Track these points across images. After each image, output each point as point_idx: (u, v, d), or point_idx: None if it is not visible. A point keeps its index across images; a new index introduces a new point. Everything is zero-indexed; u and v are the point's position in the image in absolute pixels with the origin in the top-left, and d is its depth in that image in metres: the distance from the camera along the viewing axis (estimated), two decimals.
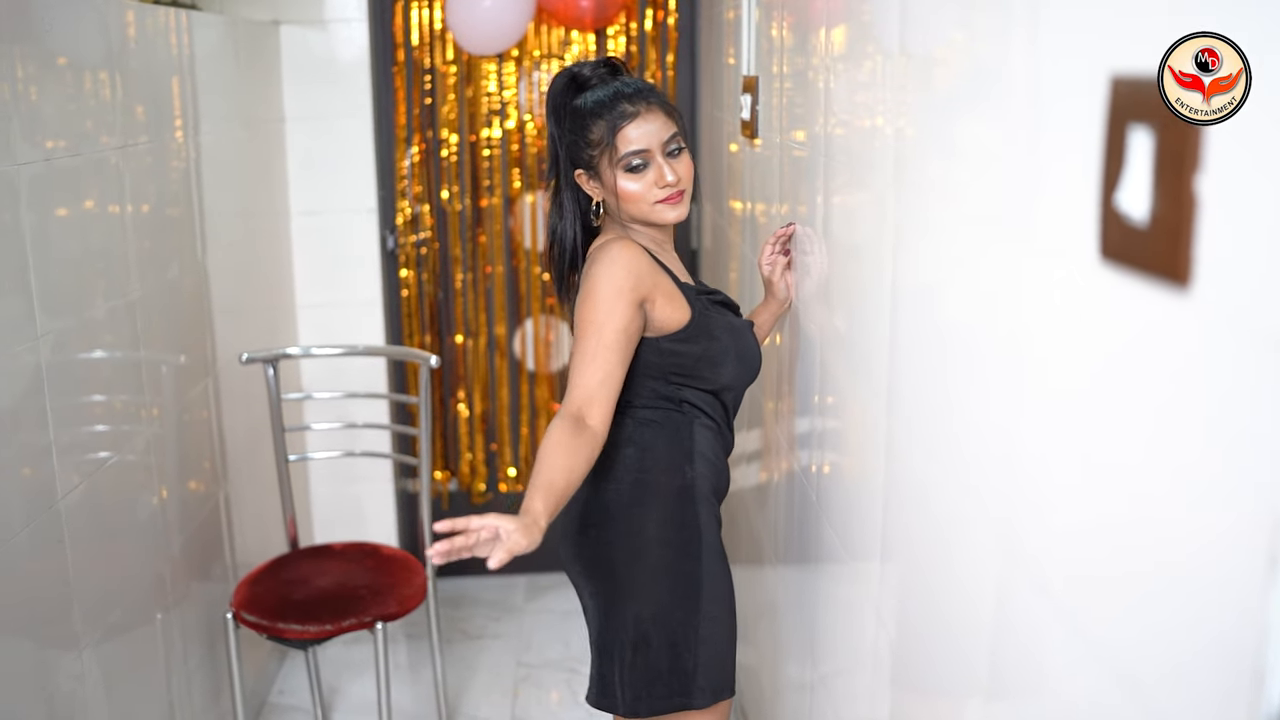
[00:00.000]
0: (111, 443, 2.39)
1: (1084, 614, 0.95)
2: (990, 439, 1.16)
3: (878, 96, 1.57)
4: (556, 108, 2.08)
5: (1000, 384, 1.12)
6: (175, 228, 2.82)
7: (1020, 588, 1.08)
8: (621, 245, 1.96)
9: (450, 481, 4.24)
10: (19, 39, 2.05)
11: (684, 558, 2.04)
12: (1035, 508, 1.05)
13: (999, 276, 1.12)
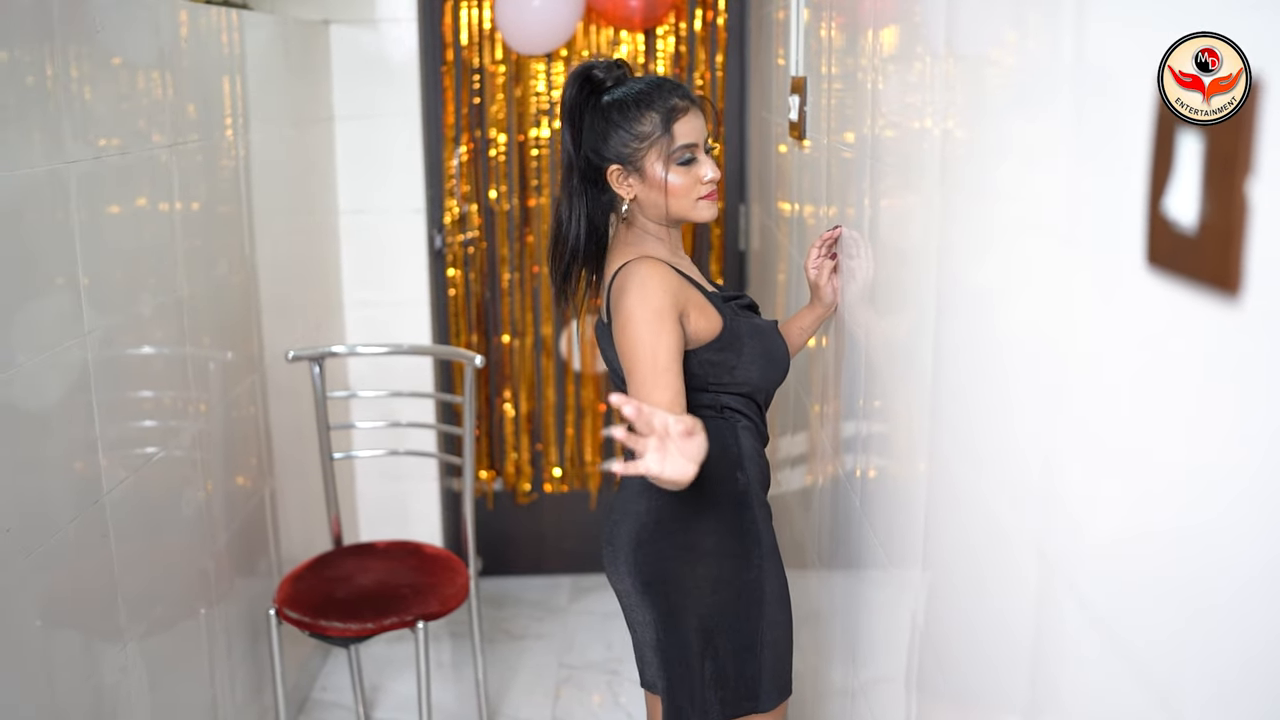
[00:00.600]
0: (157, 438, 2.41)
1: (1124, 629, 0.93)
2: (1032, 448, 1.13)
3: (925, 98, 1.55)
4: (575, 106, 2.05)
5: (1043, 392, 1.10)
6: (224, 225, 2.84)
7: (1059, 600, 1.06)
8: (649, 266, 1.94)
9: (495, 481, 4.24)
10: (73, 39, 2.07)
11: (746, 567, 2.03)
12: (1076, 519, 1.03)
13: (1044, 282, 1.10)
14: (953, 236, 1.43)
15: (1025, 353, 1.16)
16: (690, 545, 2.02)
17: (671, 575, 2.02)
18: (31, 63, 1.94)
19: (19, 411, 1.88)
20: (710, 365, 1.99)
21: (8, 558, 1.82)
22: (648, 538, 2.03)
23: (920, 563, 1.60)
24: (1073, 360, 1.03)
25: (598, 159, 2.03)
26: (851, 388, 2.08)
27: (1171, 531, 0.85)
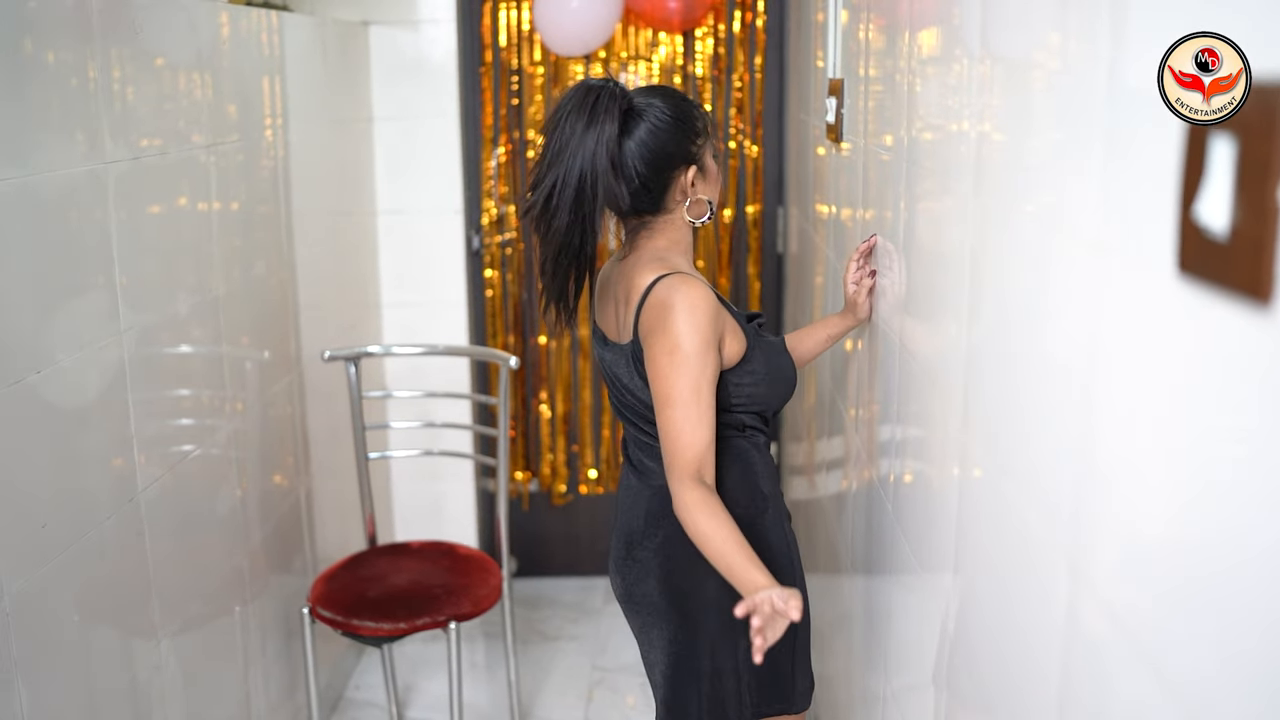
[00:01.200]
0: (193, 437, 2.42)
1: (1154, 644, 0.91)
2: (1062, 456, 1.11)
3: (960, 101, 1.53)
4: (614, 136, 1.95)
5: (1073, 400, 1.08)
6: (263, 225, 2.86)
7: (1089, 613, 1.04)
8: (696, 288, 1.89)
9: (531, 482, 4.25)
10: (113, 40, 2.09)
11: (775, 571, 2.01)
12: (1107, 531, 1.01)
13: (1074, 288, 1.08)
14: (985, 241, 1.41)
15: (1056, 360, 1.14)
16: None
17: (710, 598, 2.00)
18: (71, 64, 1.95)
19: (55, 409, 1.89)
20: (734, 386, 1.98)
21: (44, 554, 1.84)
22: (678, 566, 2.01)
23: (951, 569, 1.58)
24: (1103, 368, 1.01)
25: (669, 166, 1.97)
26: (885, 393, 2.07)
27: (1204, 544, 0.83)
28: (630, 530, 2.09)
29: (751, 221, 4.03)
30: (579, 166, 1.89)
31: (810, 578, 3.30)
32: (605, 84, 1.94)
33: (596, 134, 1.89)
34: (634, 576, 2.08)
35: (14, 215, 1.77)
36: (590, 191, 1.90)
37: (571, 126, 1.90)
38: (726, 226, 4.03)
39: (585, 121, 1.90)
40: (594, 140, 1.89)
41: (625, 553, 2.10)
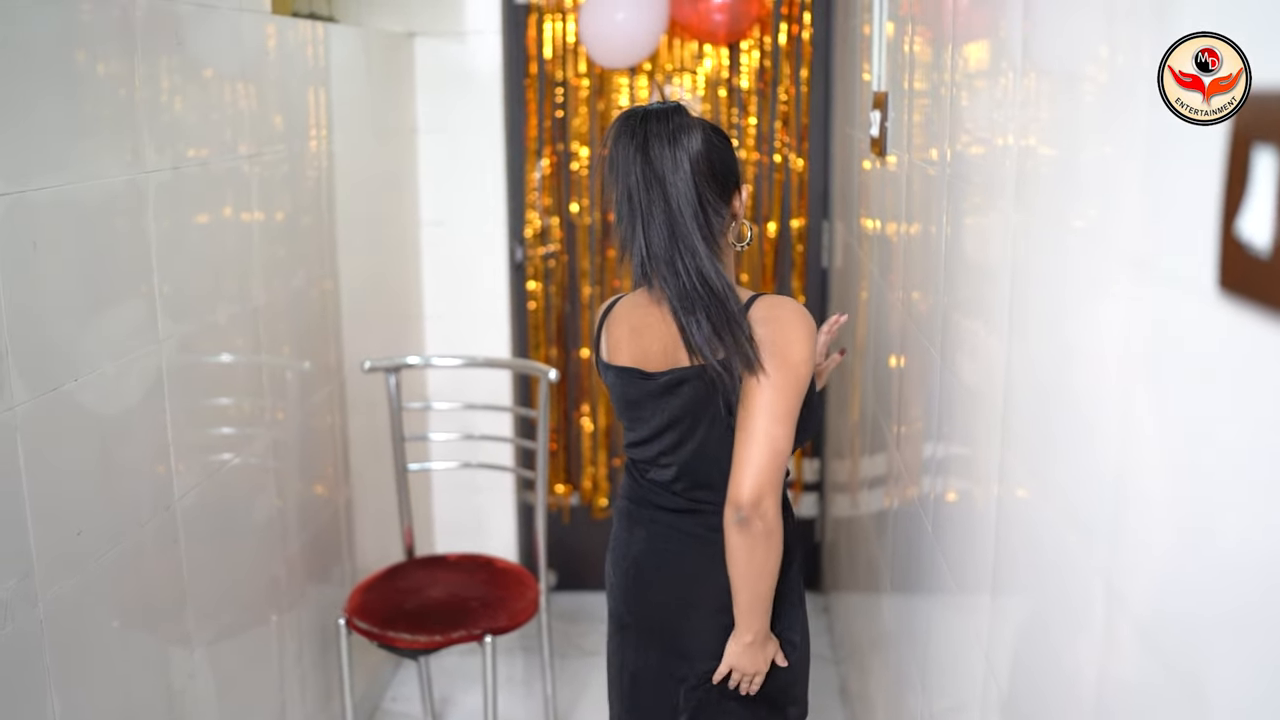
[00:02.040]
0: (231, 445, 2.43)
1: (1193, 671, 0.87)
2: (1101, 476, 1.08)
3: (1004, 115, 1.50)
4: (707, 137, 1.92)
5: (1112, 419, 1.05)
6: (307, 236, 2.87)
7: (1128, 640, 1.01)
8: (802, 308, 1.89)
9: (572, 496, 4.23)
10: (157, 51, 2.10)
11: (797, 608, 2.07)
12: (1147, 555, 0.97)
13: (1114, 305, 1.05)
14: (1025, 257, 1.38)
15: (1094, 377, 1.11)
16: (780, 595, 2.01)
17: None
18: (113, 74, 1.96)
19: (92, 416, 1.90)
20: (801, 419, 1.93)
21: (78, 561, 1.84)
22: (725, 605, 1.97)
23: (990, 590, 1.55)
24: (1142, 386, 0.98)
25: (734, 184, 1.95)
26: (926, 409, 2.03)
27: (1244, 567, 0.80)
28: (683, 587, 2.02)
29: (796, 235, 4.00)
30: (682, 188, 1.84)
31: (850, 595, 3.27)
32: (666, 105, 1.90)
33: (686, 150, 1.85)
34: (688, 632, 2.02)
35: (53, 223, 1.78)
36: (700, 214, 1.85)
37: (658, 152, 1.84)
38: (771, 241, 4.00)
39: (669, 143, 1.84)
40: (685, 157, 1.84)
41: (679, 608, 2.03)
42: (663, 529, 2.03)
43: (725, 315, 1.84)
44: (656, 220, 1.85)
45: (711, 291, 1.85)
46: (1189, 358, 0.89)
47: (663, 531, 2.03)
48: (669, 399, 1.94)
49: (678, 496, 2.01)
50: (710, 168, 1.88)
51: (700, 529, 1.99)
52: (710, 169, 1.88)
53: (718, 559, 1.93)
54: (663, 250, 1.86)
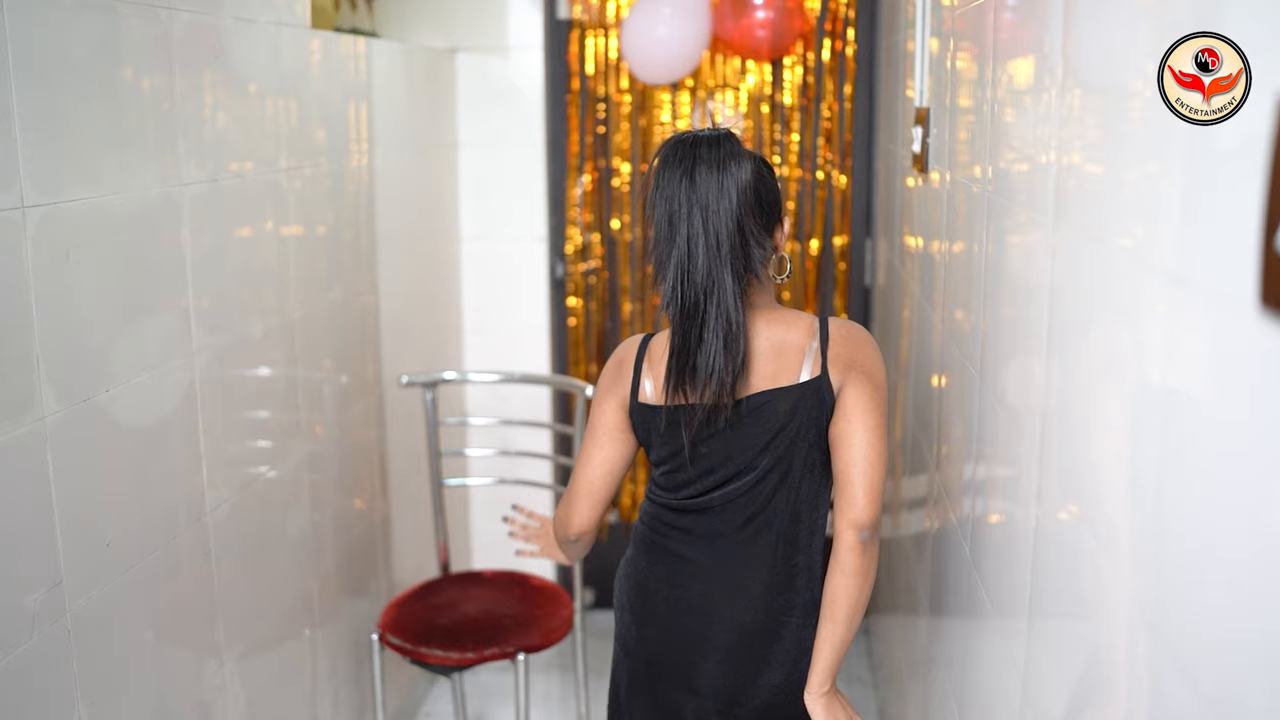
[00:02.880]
0: (264, 458, 2.42)
1: (1235, 708, 0.83)
2: (1140, 503, 1.04)
3: (1046, 132, 1.47)
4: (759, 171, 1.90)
5: (1151, 440, 1.01)
6: (347, 250, 2.87)
7: (1167, 676, 0.97)
8: (870, 335, 1.94)
9: (610, 514, 4.20)
10: (195, 65, 2.10)
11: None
12: (1186, 587, 0.94)
13: (1153, 324, 1.01)
14: (1065, 275, 1.35)
15: (1133, 398, 1.07)
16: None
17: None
18: (149, 87, 1.97)
19: (123, 428, 1.90)
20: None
21: (108, 572, 1.84)
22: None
23: (1026, 614, 1.51)
24: (1182, 407, 0.94)
25: (777, 217, 1.93)
26: (965, 431, 1.99)
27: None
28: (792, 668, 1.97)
29: (839, 253, 3.97)
30: (724, 217, 1.82)
31: (890, 618, 3.22)
32: (718, 133, 1.87)
33: (735, 179, 1.83)
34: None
35: (87, 234, 1.78)
36: (741, 245, 1.84)
37: (704, 178, 1.82)
38: (814, 258, 3.97)
39: (717, 170, 1.83)
40: (733, 186, 1.82)
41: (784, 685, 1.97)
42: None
43: (728, 355, 1.84)
44: (696, 246, 1.83)
45: (727, 329, 1.84)
46: (1231, 376, 0.85)
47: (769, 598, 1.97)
48: (744, 429, 1.90)
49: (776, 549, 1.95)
50: (756, 198, 1.86)
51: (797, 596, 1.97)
52: (756, 200, 1.86)
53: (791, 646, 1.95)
54: (701, 278, 1.84)
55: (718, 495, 1.93)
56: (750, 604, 1.94)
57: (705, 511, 1.96)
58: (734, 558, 1.94)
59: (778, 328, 1.92)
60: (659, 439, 1.95)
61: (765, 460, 1.90)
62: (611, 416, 1.98)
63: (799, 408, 1.87)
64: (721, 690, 1.96)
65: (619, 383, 1.98)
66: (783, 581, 1.93)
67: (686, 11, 3.48)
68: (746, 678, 1.95)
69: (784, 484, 1.91)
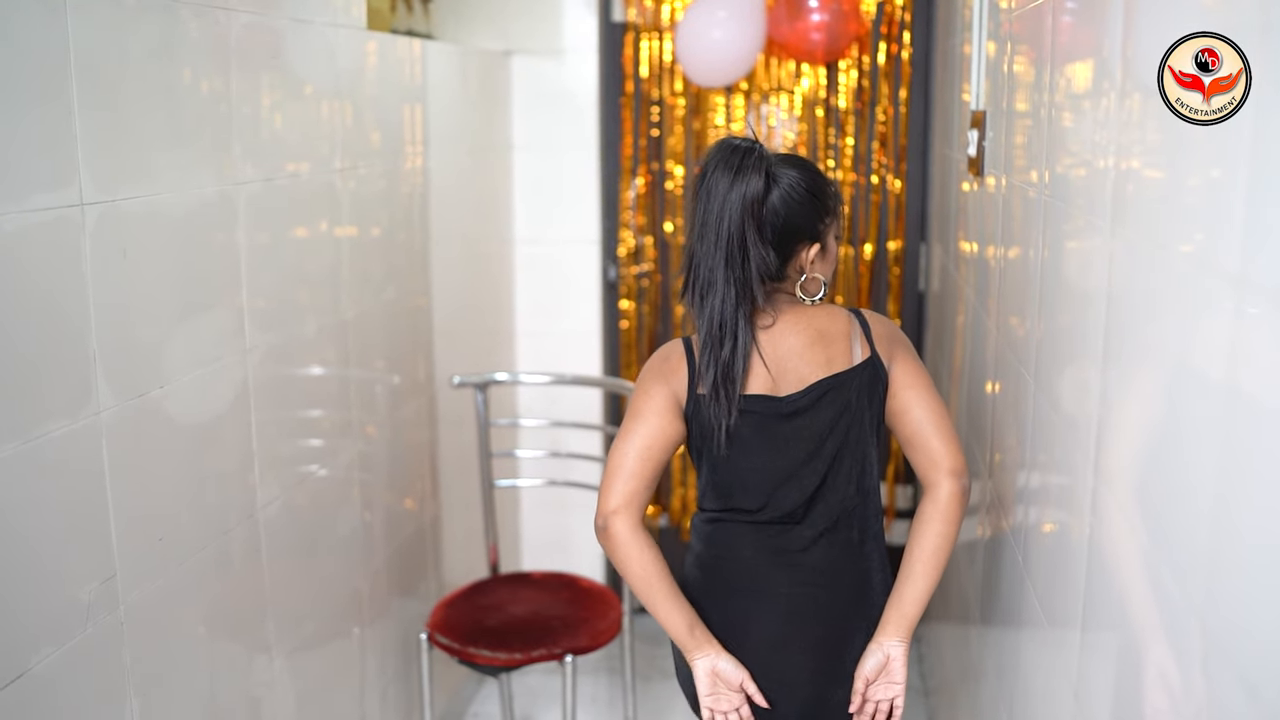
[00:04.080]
0: (315, 457, 2.44)
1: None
2: (1200, 509, 1.02)
3: (1105, 137, 1.45)
4: (759, 197, 1.92)
5: (1211, 446, 0.99)
6: (400, 251, 2.89)
7: (1227, 687, 0.95)
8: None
9: (660, 517, 4.20)
10: (252, 65, 2.12)
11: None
12: (1246, 594, 0.92)
13: (1215, 329, 0.99)
14: (1124, 281, 1.33)
15: (1194, 404, 1.05)
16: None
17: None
18: (205, 86, 1.99)
19: (176, 424, 1.92)
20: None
21: (160, 566, 1.86)
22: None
23: (1080, 624, 1.48)
24: (1245, 412, 0.92)
25: (794, 239, 1.95)
26: (1019, 439, 1.97)
27: None
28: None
29: (893, 258, 3.94)
30: (727, 223, 1.88)
31: (942, 626, 3.19)
32: (751, 144, 1.92)
33: (741, 189, 1.87)
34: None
35: (143, 231, 1.80)
36: (739, 250, 1.88)
37: (716, 182, 1.89)
38: (867, 263, 3.94)
39: (731, 177, 1.88)
40: (738, 196, 1.87)
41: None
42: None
43: (717, 352, 1.91)
44: (705, 244, 1.91)
45: (714, 324, 1.90)
46: None
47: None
48: (810, 417, 1.96)
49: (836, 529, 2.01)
50: (760, 213, 1.89)
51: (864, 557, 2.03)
52: (760, 214, 1.89)
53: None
54: (705, 275, 1.91)
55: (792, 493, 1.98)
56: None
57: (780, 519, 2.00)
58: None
59: (819, 318, 1.98)
60: (712, 441, 1.96)
61: (830, 445, 1.97)
62: (659, 400, 1.97)
63: (860, 389, 1.96)
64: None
65: (668, 374, 1.99)
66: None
67: (741, 14, 3.46)
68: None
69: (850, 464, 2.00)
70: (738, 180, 1.88)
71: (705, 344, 1.92)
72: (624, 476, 1.92)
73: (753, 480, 1.97)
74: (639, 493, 1.92)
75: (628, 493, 1.91)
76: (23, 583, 1.55)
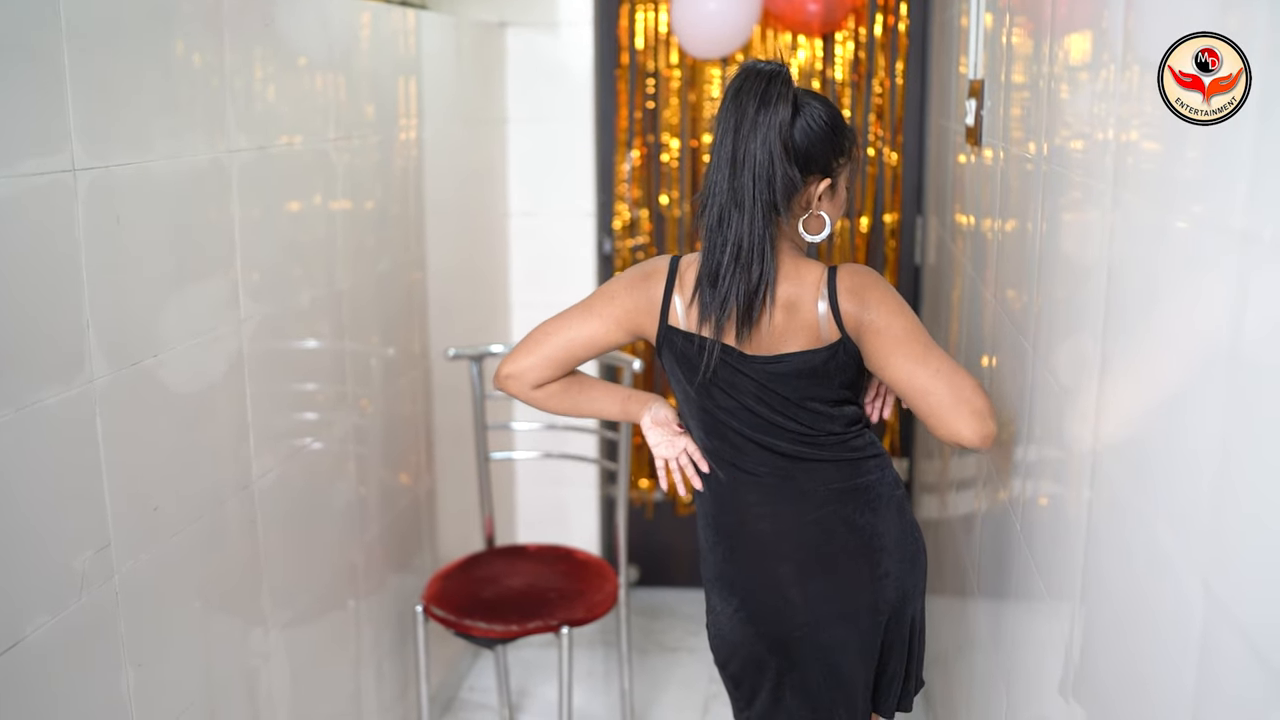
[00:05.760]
0: (311, 429, 2.43)
1: None
2: (1200, 470, 1.02)
3: (1104, 109, 1.44)
4: (836, 126, 1.95)
5: (1213, 408, 0.99)
6: (395, 223, 2.87)
7: (1228, 644, 0.94)
8: (876, 274, 1.94)
9: (656, 491, 4.20)
10: (245, 33, 2.10)
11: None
12: (1250, 552, 0.91)
13: (1219, 288, 0.98)
14: (1123, 251, 1.32)
15: (1196, 367, 1.05)
16: (908, 556, 2.06)
17: (905, 588, 2.05)
18: (198, 54, 1.97)
19: (171, 393, 1.91)
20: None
21: (155, 536, 1.85)
22: (880, 560, 2.02)
23: (1079, 592, 1.48)
24: (1250, 372, 0.92)
25: (806, 169, 1.93)
26: (1016, 409, 1.97)
27: None
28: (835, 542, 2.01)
29: (889, 231, 3.93)
30: (755, 150, 1.86)
31: (936, 599, 3.20)
32: (778, 69, 1.90)
33: (770, 117, 1.86)
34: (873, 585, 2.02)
35: (137, 198, 1.79)
36: (768, 175, 1.86)
37: (742, 110, 1.87)
38: (863, 235, 3.93)
39: (758, 100, 1.86)
40: (766, 118, 1.85)
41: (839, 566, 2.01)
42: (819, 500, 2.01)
43: (739, 269, 1.88)
44: (730, 166, 1.88)
45: (739, 244, 1.87)
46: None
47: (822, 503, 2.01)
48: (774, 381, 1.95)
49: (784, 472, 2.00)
50: (791, 141, 1.88)
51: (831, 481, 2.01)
52: (790, 140, 1.88)
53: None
54: (730, 195, 1.88)
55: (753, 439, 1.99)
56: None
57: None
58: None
59: (790, 283, 1.93)
60: (682, 370, 1.99)
61: (791, 423, 1.96)
62: (618, 309, 2.01)
63: (819, 369, 1.92)
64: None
65: (642, 290, 2.00)
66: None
67: None
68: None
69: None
70: (764, 103, 1.85)
71: (721, 268, 1.89)
72: (535, 355, 2.02)
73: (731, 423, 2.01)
74: (539, 371, 2.01)
75: (527, 367, 2.02)
76: (17, 551, 1.55)
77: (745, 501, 2.02)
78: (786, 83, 1.89)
